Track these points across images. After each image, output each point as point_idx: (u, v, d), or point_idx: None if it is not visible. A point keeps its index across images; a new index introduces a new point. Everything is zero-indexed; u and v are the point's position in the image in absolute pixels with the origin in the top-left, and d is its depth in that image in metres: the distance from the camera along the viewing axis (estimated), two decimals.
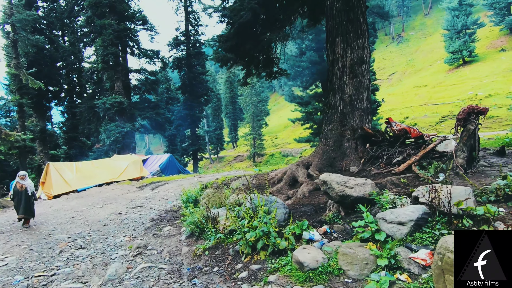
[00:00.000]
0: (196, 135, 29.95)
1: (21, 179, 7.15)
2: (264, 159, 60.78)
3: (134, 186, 14.42)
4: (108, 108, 21.51)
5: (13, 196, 7.16)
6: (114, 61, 22.18)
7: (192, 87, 28.99)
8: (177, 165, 20.43)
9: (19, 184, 7.09)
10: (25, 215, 7.12)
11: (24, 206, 7.03)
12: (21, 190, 7.05)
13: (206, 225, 4.84)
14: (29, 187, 7.26)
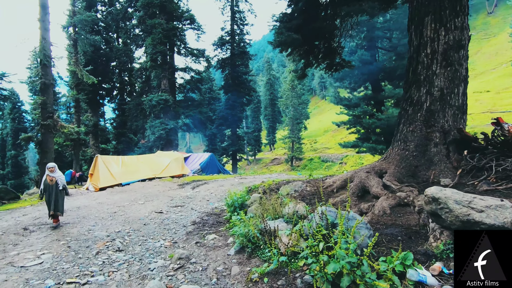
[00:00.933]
0: (236, 135, 29.62)
1: (50, 171, 6.54)
2: (302, 163, 59.14)
3: (175, 184, 14.18)
4: (154, 105, 21.98)
5: (43, 190, 6.50)
6: (162, 59, 22.67)
7: (234, 87, 28.75)
8: (217, 164, 20.07)
9: (49, 177, 6.50)
10: (55, 211, 6.44)
11: (54, 202, 6.39)
12: (51, 184, 6.46)
13: (262, 240, 3.91)
14: (60, 180, 6.65)
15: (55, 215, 6.50)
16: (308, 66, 7.00)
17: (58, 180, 6.57)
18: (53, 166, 6.64)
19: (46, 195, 6.46)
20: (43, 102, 12.85)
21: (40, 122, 12.89)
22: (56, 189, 6.48)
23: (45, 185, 6.48)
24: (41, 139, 12.83)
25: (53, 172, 6.59)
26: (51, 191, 6.41)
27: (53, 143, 13.69)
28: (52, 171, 6.56)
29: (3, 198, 11.06)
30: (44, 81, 12.80)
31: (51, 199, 6.40)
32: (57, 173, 6.67)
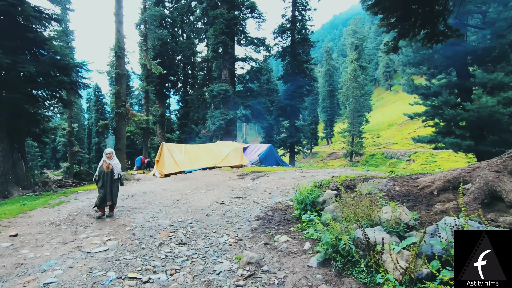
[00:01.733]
0: (295, 127, 28.53)
1: (107, 157, 5.99)
2: (363, 159, 55.29)
3: (235, 174, 13.92)
4: (215, 96, 22.23)
5: (98, 177, 5.96)
6: (223, 49, 22.74)
7: (294, 76, 27.55)
8: (276, 156, 19.40)
9: (105, 164, 5.96)
10: (111, 200, 5.96)
11: (109, 191, 5.89)
12: (107, 171, 5.93)
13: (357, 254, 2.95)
14: (116, 168, 6.09)
15: (110, 206, 6.02)
16: (403, 36, 5.60)
17: (114, 168, 6.05)
18: (110, 152, 6.08)
19: (100, 183, 5.94)
20: (117, 91, 13.76)
21: (115, 110, 13.87)
22: (111, 177, 5.98)
23: (100, 172, 5.96)
24: (115, 126, 13.82)
25: (111, 159, 6.05)
26: (106, 179, 5.91)
27: (125, 130, 14.63)
28: (109, 158, 6.02)
29: (84, 179, 12.15)
30: (118, 71, 13.66)
31: (106, 188, 5.89)
32: (114, 161, 6.12)
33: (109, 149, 6.17)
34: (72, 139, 26.71)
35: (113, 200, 6.03)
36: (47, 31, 9.45)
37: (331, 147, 68.37)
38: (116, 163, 6.14)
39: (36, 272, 3.36)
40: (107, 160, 5.99)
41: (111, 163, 6.01)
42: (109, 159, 6.02)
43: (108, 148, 6.27)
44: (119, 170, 6.18)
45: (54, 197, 8.37)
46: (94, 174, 6.12)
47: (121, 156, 14.27)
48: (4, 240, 4.32)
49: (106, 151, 6.08)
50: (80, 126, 56.14)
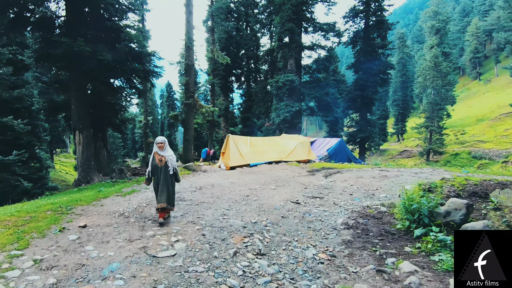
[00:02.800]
0: (366, 120, 25.72)
1: (159, 147, 4.85)
2: (443, 158, 48.18)
3: (304, 169, 12.72)
4: (280, 87, 21.22)
5: (150, 173, 4.91)
6: (289, 37, 21.52)
7: (367, 64, 24.72)
8: (348, 152, 17.49)
9: (157, 156, 4.84)
10: (166, 203, 4.68)
11: (163, 190, 4.70)
12: (160, 166, 4.79)
13: None
14: (171, 161, 4.91)
15: (165, 208, 4.71)
16: None
17: (168, 162, 4.87)
18: (162, 141, 4.89)
19: (154, 180, 4.90)
20: (186, 82, 13.84)
21: (184, 101, 14.01)
22: (165, 173, 4.81)
23: (153, 167, 4.87)
24: (184, 117, 13.96)
25: (163, 149, 4.89)
26: (159, 175, 4.80)
27: (194, 121, 14.69)
28: (161, 148, 4.85)
29: None
30: (188, 62, 13.70)
31: (161, 187, 4.73)
32: (167, 152, 4.95)
33: (160, 137, 4.98)
34: (147, 131, 28.89)
35: (169, 202, 4.78)
36: (125, 20, 9.76)
37: (402, 144, 61.24)
38: (169, 154, 4.97)
39: (96, 279, 2.78)
40: (159, 152, 4.87)
41: (164, 155, 4.87)
42: (162, 150, 4.88)
43: (160, 136, 5.06)
44: (174, 163, 5.00)
45: (127, 185, 8.44)
46: (146, 170, 5.03)
47: (189, 147, 14.40)
48: (73, 231, 4.01)
49: (158, 139, 4.90)
50: (154, 120, 61.76)
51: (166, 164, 4.87)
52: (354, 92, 25.31)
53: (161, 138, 4.94)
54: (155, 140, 4.94)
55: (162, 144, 4.87)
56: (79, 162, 9.37)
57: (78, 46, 7.48)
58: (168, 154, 4.96)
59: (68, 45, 7.48)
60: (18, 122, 11.37)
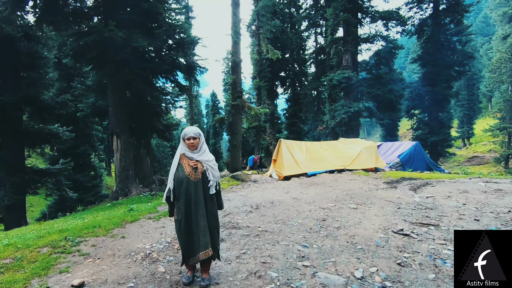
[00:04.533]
0: (438, 121, 21.72)
1: (190, 146, 2.68)
2: None
3: (378, 180, 10.14)
4: (335, 85, 18.77)
5: (173, 193, 2.66)
6: (345, 29, 19.05)
7: (437, 56, 20.98)
8: (426, 158, 14.31)
9: (188, 163, 2.68)
10: (206, 250, 2.55)
11: (201, 226, 2.57)
12: (193, 179, 2.62)
13: None
14: (211, 171, 2.74)
15: (205, 260, 2.63)
16: None
17: (208, 171, 2.70)
18: (196, 135, 2.68)
19: (181, 206, 2.62)
20: (233, 81, 12.36)
21: (230, 102, 12.52)
22: (203, 193, 2.65)
23: (179, 182, 2.63)
24: (231, 120, 12.43)
25: (197, 149, 2.72)
26: (190, 197, 2.61)
27: (241, 124, 13.07)
28: (194, 147, 2.69)
29: None
30: (234, 59, 12.25)
31: (196, 221, 2.58)
32: (205, 154, 2.75)
33: (191, 128, 2.72)
34: None
35: (214, 246, 2.66)
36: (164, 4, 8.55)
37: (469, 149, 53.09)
38: (208, 159, 2.76)
39: None
40: (190, 154, 2.70)
41: (200, 161, 2.71)
42: (195, 151, 2.71)
43: (190, 127, 2.78)
44: (216, 174, 2.79)
45: None
46: (166, 189, 2.75)
47: (237, 153, 12.76)
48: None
49: (187, 131, 2.67)
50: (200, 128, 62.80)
51: (205, 176, 2.65)
52: (422, 89, 21.61)
53: (192, 130, 2.68)
54: (183, 132, 2.69)
55: (195, 141, 2.64)
56: (117, 171, 8.28)
57: (109, 32, 6.33)
58: (206, 158, 2.73)
59: (98, 31, 6.38)
60: (63, 129, 10.82)
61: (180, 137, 2.75)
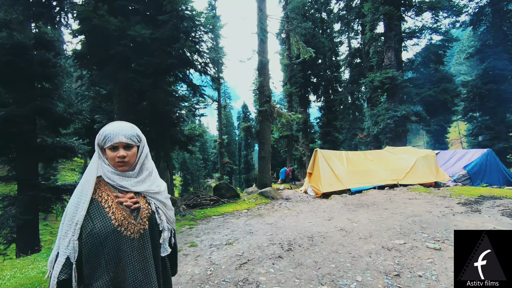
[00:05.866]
0: (505, 123, 18.17)
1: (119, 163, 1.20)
2: None
3: (448, 199, 7.79)
4: (377, 87, 16.49)
5: (87, 261, 1.06)
6: (386, 24, 16.82)
7: (500, 48, 17.77)
8: (503, 168, 11.44)
9: (119, 199, 1.19)
10: None
11: None
12: (133, 235, 1.15)
13: None
14: (163, 213, 1.28)
15: None
16: None
17: (158, 213, 1.26)
18: (132, 138, 1.20)
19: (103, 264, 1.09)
20: (260, 84, 10.89)
21: (258, 108, 11.03)
22: (153, 260, 1.20)
23: (95, 243, 1.08)
24: (259, 129, 10.88)
25: (133, 170, 1.24)
26: (125, 275, 1.11)
27: (270, 133, 11.46)
28: (125, 164, 1.20)
29: (223, 195, 9.50)
30: (261, 59, 10.83)
31: None
32: (150, 181, 1.27)
33: (119, 126, 1.20)
34: (222, 150, 27.39)
35: None
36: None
37: None
38: (158, 190, 1.28)
39: None
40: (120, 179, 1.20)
41: (143, 193, 1.25)
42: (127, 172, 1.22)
43: (114, 124, 1.21)
44: (171, 218, 1.34)
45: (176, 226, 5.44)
46: (52, 257, 1.11)
47: (266, 166, 11.10)
48: None
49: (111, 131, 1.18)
50: (232, 141, 62.56)
51: (154, 223, 1.23)
52: (482, 87, 18.35)
53: (122, 129, 1.20)
54: (100, 134, 1.18)
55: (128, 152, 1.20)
56: None
57: (99, 18, 5.20)
58: (156, 188, 1.27)
59: (85, 18, 5.25)
60: (79, 143, 10.05)
61: (95, 144, 1.24)
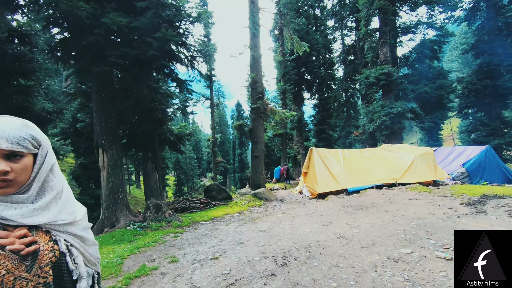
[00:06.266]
0: (501, 119, 18.04)
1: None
2: None
3: (450, 199, 7.43)
4: (372, 84, 16.13)
5: None
6: (381, 19, 16.45)
7: (495, 43, 17.58)
8: (502, 165, 11.18)
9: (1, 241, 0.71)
10: None
11: None
12: None
13: None
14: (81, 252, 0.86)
15: None
16: None
17: (71, 254, 0.82)
18: (18, 143, 0.75)
19: None
20: (253, 80, 10.39)
21: (250, 106, 10.53)
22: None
23: None
24: (251, 127, 10.37)
25: (24, 191, 0.79)
26: None
27: (264, 131, 10.98)
28: (7, 185, 0.75)
29: (215, 197, 8.99)
30: (253, 54, 10.33)
31: None
32: (56, 208, 0.81)
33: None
34: (215, 150, 26.81)
35: None
36: None
37: None
38: (72, 219, 0.84)
39: None
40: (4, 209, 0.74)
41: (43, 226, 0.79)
42: (12, 197, 0.76)
43: None
44: (93, 258, 0.92)
45: (158, 236, 4.94)
46: None
47: (259, 166, 10.62)
48: None
49: None
50: (226, 139, 61.91)
51: (62, 272, 0.75)
52: (478, 83, 18.16)
53: (3, 126, 0.74)
54: None
55: (14, 165, 0.74)
56: (103, 194, 6.49)
57: (67, 3, 4.57)
58: (66, 216, 0.80)
59: (51, 3, 4.66)
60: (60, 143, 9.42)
61: None
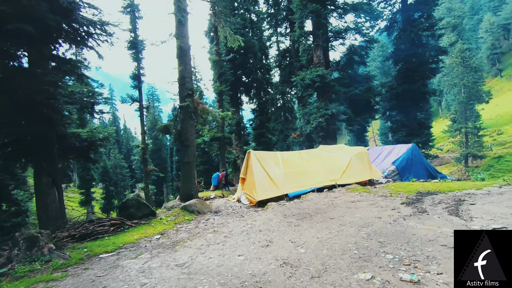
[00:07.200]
0: (417, 121, 20.14)
1: None
2: (484, 162, 43.26)
3: (390, 199, 7.18)
4: (307, 85, 16.14)
5: None
6: (314, 22, 16.68)
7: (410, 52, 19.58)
8: (426, 163, 11.94)
9: None
10: None
11: None
12: None
13: None
14: None
15: None
16: None
17: None
18: None
19: None
20: (180, 74, 8.91)
21: (179, 104, 9.03)
22: None
23: None
24: (180, 128, 8.86)
25: None
26: None
27: (195, 133, 9.54)
28: None
29: (133, 215, 7.17)
30: (180, 44, 8.88)
31: None
32: None
33: None
34: (146, 157, 24.00)
35: None
36: None
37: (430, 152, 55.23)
38: None
39: None
40: None
41: None
42: None
43: None
44: None
45: None
46: None
47: (190, 174, 9.12)
48: None
49: None
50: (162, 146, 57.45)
51: None
52: (398, 87, 19.94)
53: None
54: None
55: None
56: None
57: None
58: None
59: None
60: None
61: None
